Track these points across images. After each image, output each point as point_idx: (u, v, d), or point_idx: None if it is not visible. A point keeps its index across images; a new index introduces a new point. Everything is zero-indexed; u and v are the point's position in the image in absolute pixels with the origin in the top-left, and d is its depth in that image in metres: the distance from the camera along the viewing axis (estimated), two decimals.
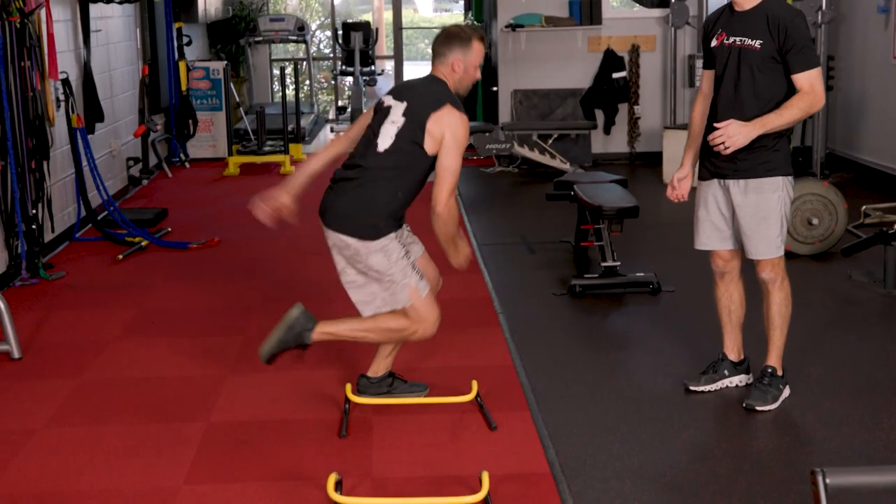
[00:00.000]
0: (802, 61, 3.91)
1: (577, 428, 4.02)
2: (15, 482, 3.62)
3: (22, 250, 5.96)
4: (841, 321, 5.27)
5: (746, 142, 3.89)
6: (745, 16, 4.00)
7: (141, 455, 3.81)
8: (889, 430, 3.98)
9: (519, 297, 5.71)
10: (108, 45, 8.28)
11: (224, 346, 4.95)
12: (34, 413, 4.21)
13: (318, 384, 4.40)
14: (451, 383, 4.32)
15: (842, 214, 6.35)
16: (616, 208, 5.72)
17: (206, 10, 10.36)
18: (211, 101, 10.21)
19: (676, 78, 9.84)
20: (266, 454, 3.81)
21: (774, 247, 4.07)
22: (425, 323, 3.90)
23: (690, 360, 4.62)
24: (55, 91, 6.48)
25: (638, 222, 6.18)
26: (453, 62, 3.92)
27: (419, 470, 3.68)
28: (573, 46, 9.99)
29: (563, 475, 3.60)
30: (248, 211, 4.36)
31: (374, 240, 3.79)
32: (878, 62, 8.77)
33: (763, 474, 3.64)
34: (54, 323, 5.35)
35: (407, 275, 3.84)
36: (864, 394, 4.33)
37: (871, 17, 8.84)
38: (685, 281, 5.75)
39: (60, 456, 3.82)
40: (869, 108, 8.99)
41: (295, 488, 3.52)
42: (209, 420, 4.13)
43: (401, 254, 3.85)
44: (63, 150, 6.86)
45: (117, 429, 4.07)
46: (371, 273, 3.86)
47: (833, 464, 2.15)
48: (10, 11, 5.70)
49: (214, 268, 6.40)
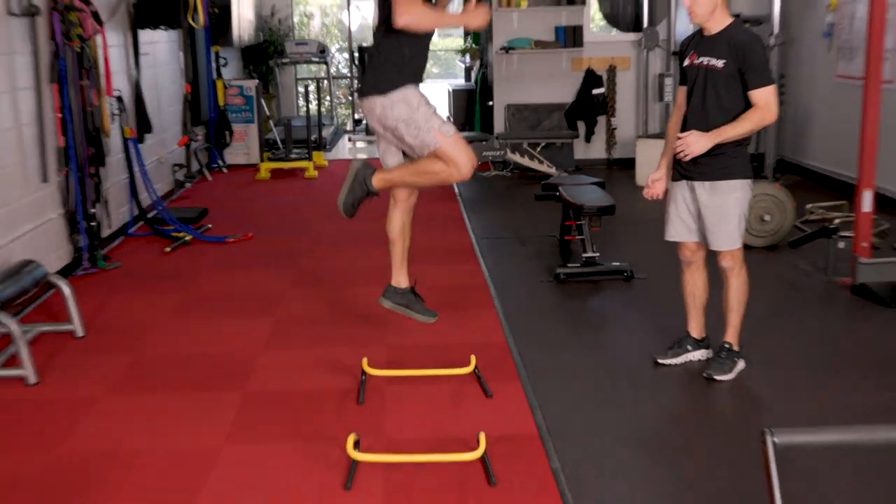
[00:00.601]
0: (758, 79, 3.92)
1: (561, 395, 4.04)
2: (81, 442, 3.66)
3: (83, 244, 5.98)
4: (789, 304, 5.29)
5: (704, 150, 3.92)
6: (711, 39, 4.02)
7: (187, 419, 3.85)
8: (829, 396, 4.01)
9: (511, 284, 5.73)
10: (155, 66, 8.29)
11: (258, 326, 4.98)
12: (96, 383, 4.24)
13: (339, 359, 4.43)
14: (453, 357, 4.34)
15: (790, 212, 6.36)
16: (596, 207, 5.73)
17: (241, 36, 10.35)
18: (244, 114, 10.21)
19: (648, 94, 9.83)
20: (294, 418, 3.84)
21: (733, 240, 4.09)
22: (458, 163, 3.89)
23: (659, 337, 4.64)
24: (110, 106, 6.49)
25: (614, 219, 6.19)
26: None
27: (425, 431, 3.71)
28: (558, 66, 9.98)
29: (549, 436, 3.63)
30: (277, 209, 4.39)
31: (392, 90, 3.84)
32: (822, 80, 8.78)
33: (720, 434, 3.67)
34: (112, 306, 5.37)
35: (429, 119, 3.87)
36: (808, 366, 4.36)
37: (816, 41, 8.84)
38: (655, 269, 5.77)
39: (119, 420, 3.86)
40: (815, 119, 8.99)
41: (319, 447, 3.55)
42: (246, 389, 4.16)
43: (421, 101, 3.89)
44: (118, 158, 6.87)
45: (167, 396, 4.10)
46: (400, 125, 3.88)
47: (780, 425, 2.17)
48: (71, 37, 5.71)
49: (248, 259, 6.42)
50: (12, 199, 5.23)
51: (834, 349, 4.59)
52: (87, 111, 5.95)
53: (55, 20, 5.63)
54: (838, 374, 4.26)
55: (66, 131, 5.72)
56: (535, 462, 3.42)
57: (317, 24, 15.61)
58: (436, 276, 3.93)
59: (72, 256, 5.99)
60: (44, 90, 5.59)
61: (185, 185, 9.00)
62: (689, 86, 4.10)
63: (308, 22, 14.99)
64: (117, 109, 6.67)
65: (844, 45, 8.33)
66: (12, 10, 5.25)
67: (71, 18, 5.71)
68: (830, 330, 4.90)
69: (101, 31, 6.15)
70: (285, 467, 3.42)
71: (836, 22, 8.46)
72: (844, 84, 8.29)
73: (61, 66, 5.65)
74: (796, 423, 3.72)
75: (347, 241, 6.74)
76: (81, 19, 5.80)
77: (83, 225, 5.95)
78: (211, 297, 5.56)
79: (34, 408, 4.00)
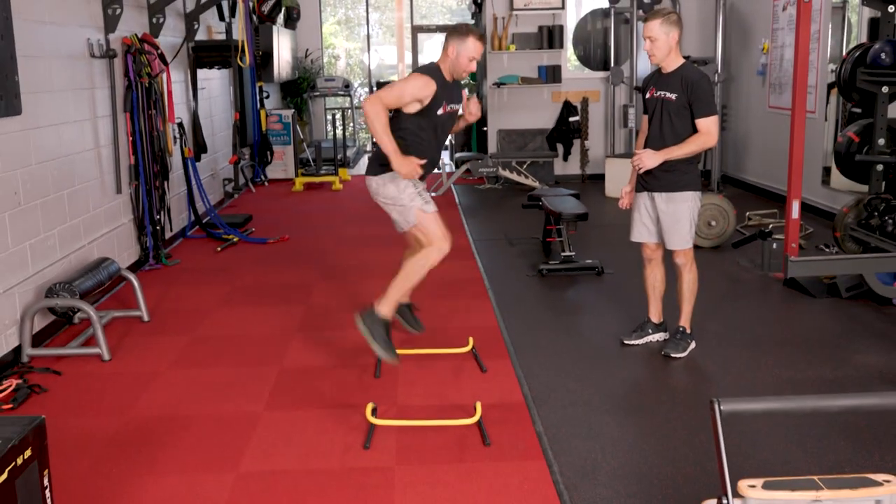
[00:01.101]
0: (703, 110, 3.90)
1: (543, 370, 4.02)
2: (146, 408, 3.64)
3: (149, 245, 5.96)
4: (731, 294, 5.26)
5: (655, 164, 3.94)
6: (668, 76, 4.00)
7: (233, 389, 3.83)
8: (766, 371, 3.98)
9: (502, 277, 5.70)
10: (210, 98, 8.27)
11: (292, 312, 4.95)
12: (159, 359, 4.23)
13: (360, 341, 4.38)
14: (453, 339, 4.32)
15: (732, 218, 6.33)
16: (572, 214, 5.70)
17: (280, 73, 10.32)
18: (283, 138, 10.18)
19: (615, 121, 9.79)
20: (322, 389, 3.82)
21: (685, 241, 4.07)
22: (435, 240, 3.63)
23: (624, 322, 4.61)
24: (173, 131, 6.47)
25: (588, 224, 6.18)
26: (449, 48, 3.65)
27: (431, 400, 3.68)
28: (541, 98, 9.95)
29: (534, 404, 3.61)
30: (308, 215, 4.35)
31: (384, 173, 3.63)
32: (757, 110, 8.75)
33: (676, 402, 3.64)
34: (172, 296, 5.35)
35: (413, 199, 3.63)
36: (748, 345, 4.32)
37: (752, 78, 8.82)
38: (621, 265, 5.74)
39: (177, 389, 3.85)
40: (751, 142, 8.96)
41: (343, 414, 3.53)
42: (282, 365, 4.13)
43: (408, 184, 3.64)
44: (178, 173, 6.86)
45: (217, 370, 4.09)
46: (388, 202, 3.68)
47: (725, 395, 2.14)
48: (141, 75, 5.71)
49: (285, 257, 6.40)
50: (92, 207, 5.21)
51: (769, 332, 4.56)
52: (154, 135, 5.94)
53: (129, 61, 5.63)
54: (772, 352, 4.22)
55: (137, 152, 5.72)
56: (523, 425, 3.40)
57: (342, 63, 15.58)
58: (439, 271, 3.89)
59: (139, 254, 5.97)
60: (119, 118, 5.58)
61: (234, 195, 8.99)
62: (650, 114, 4.09)
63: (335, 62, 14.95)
64: (178, 134, 6.65)
65: (775, 81, 8.31)
66: (94, 54, 5.26)
67: (141, 60, 5.73)
68: (766, 316, 4.86)
69: (166, 70, 6.15)
70: (315, 430, 3.40)
71: (768, 63, 8.44)
72: (775, 113, 8.27)
73: (133, 99, 5.64)
74: (738, 393, 3.70)
75: (366, 242, 6.72)
76: (150, 60, 5.81)
77: (149, 229, 5.95)
78: (253, 289, 5.53)
79: (108, 379, 3.98)
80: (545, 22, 9.75)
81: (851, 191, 6.44)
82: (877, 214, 5.38)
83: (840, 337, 4.44)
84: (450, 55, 3.66)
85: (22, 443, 2.40)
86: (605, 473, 3.03)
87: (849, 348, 4.27)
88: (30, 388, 3.80)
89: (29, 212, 4.37)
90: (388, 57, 16.14)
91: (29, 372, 4.02)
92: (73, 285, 4.35)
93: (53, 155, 4.68)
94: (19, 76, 4.20)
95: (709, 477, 2.97)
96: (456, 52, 3.63)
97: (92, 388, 3.87)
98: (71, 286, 4.34)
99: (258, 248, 6.68)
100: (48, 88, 4.64)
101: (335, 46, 15.41)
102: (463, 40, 3.62)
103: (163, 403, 3.69)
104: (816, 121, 7.25)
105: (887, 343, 4.33)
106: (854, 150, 5.72)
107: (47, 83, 4.64)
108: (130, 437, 3.36)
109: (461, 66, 3.67)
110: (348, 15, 15.96)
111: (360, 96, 14.76)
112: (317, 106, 12.79)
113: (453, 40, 3.64)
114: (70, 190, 4.89)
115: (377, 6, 15.57)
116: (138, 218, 5.88)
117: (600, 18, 9.99)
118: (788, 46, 7.95)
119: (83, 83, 5.13)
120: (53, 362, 4.16)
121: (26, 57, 4.33)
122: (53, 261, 4.62)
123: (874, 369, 3.99)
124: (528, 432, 3.34)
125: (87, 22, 5.20)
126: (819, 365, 4.05)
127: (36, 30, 4.51)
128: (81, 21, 5.12)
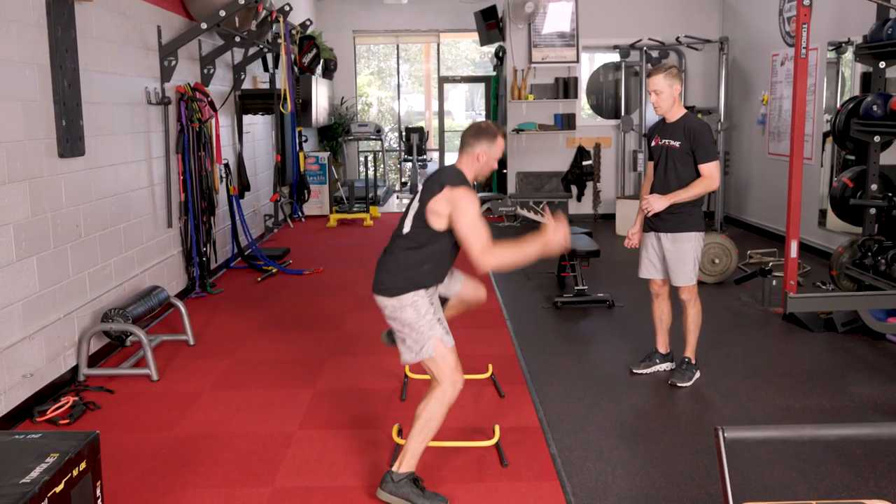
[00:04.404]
0: (705, 156, 3.91)
1: (558, 396, 4.00)
2: (190, 425, 3.66)
3: (196, 275, 6.02)
4: (734, 328, 5.21)
5: (662, 208, 3.94)
6: (672, 125, 4.01)
7: (270, 409, 3.84)
8: (766, 400, 3.93)
9: (520, 309, 5.69)
10: (253, 141, 8.39)
11: (326, 339, 4.97)
12: (203, 380, 4.25)
13: (388, 365, 4.41)
14: (474, 366, 4.31)
15: (734, 256, 6.29)
16: (585, 251, 5.70)
17: (317, 119, 10.46)
18: (319, 177, 10.28)
19: (625, 165, 9.81)
20: (352, 410, 3.82)
21: (690, 278, 4.05)
22: (449, 373, 2.95)
23: (633, 352, 4.58)
24: (220, 171, 6.57)
25: (600, 260, 6.17)
26: (479, 153, 3.00)
27: (453, 422, 3.65)
28: (556, 143, 9.99)
29: (549, 428, 3.58)
30: (342, 249, 4.37)
31: (400, 295, 2.95)
32: (758, 156, 8.72)
33: (682, 428, 3.60)
34: (216, 322, 5.40)
35: (433, 327, 2.94)
36: (749, 376, 4.27)
37: (753, 127, 8.81)
38: (631, 299, 5.71)
39: (219, 409, 3.86)
40: (752, 186, 8.92)
41: (371, 434, 3.53)
42: (315, 388, 4.14)
43: (429, 309, 2.97)
44: (223, 210, 6.95)
45: (255, 391, 4.10)
46: (404, 328, 2.98)
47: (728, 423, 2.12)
48: (192, 120, 5.81)
49: (320, 287, 6.43)
50: (145, 239, 5.28)
51: (769, 363, 4.50)
52: (203, 175, 6.02)
53: (182, 108, 5.73)
54: (772, 382, 4.17)
55: (186, 189, 5.80)
56: (538, 448, 3.37)
57: (374, 110, 15.77)
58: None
59: (187, 283, 6.03)
60: (171, 159, 5.66)
61: (273, 230, 9.07)
62: (655, 161, 4.10)
63: (368, 109, 15.13)
64: (224, 173, 6.75)
65: (774, 130, 8.29)
66: (151, 101, 5.37)
67: (193, 106, 5.82)
68: (766, 348, 4.80)
69: (214, 115, 6.25)
70: (345, 448, 3.39)
71: (767, 113, 8.43)
72: (774, 160, 8.24)
73: (185, 141, 5.73)
74: (740, 420, 3.66)
75: None
76: (201, 107, 5.91)
77: (196, 260, 6.01)
78: (290, 316, 5.56)
79: (156, 398, 4.01)
80: (561, 74, 9.83)
81: (846, 232, 6.39)
82: (870, 254, 5.34)
83: (836, 369, 4.37)
84: (480, 160, 3.02)
85: (77, 456, 2.43)
86: (614, 494, 2.99)
87: (844, 380, 4.21)
88: (85, 404, 3.84)
89: (88, 243, 4.44)
90: (416, 104, 16.34)
91: (85, 390, 4.06)
92: (126, 311, 4.41)
93: (112, 192, 4.77)
94: (84, 121, 4.32)
95: (712, 499, 2.92)
96: (487, 156, 3.02)
97: (141, 406, 3.90)
98: (124, 312, 4.40)
99: (295, 279, 6.72)
100: (109, 132, 4.75)
101: (368, 95, 15.61)
102: (493, 143, 3.03)
103: (205, 421, 3.70)
104: (813, 167, 7.22)
105: (881, 375, 4.26)
106: (849, 194, 5.69)
107: (108, 127, 4.74)
108: (175, 451, 3.38)
109: (489, 168, 3.08)
110: (381, 66, 16.20)
111: (390, 140, 14.90)
112: (350, 149, 12.94)
113: (482, 144, 3.00)
114: (126, 224, 4.97)
115: (407, 58, 15.80)
116: (187, 250, 5.94)
117: (612, 71, 10.05)
118: (786, 98, 7.95)
119: (140, 127, 5.24)
120: (107, 381, 4.20)
121: (91, 103, 4.44)
122: (109, 288, 4.69)
123: (869, 400, 3.92)
124: (543, 454, 3.31)
125: (145, 73, 5.32)
126: (817, 395, 3.99)
127: (100, 79, 4.63)
128: (140, 72, 5.25)
